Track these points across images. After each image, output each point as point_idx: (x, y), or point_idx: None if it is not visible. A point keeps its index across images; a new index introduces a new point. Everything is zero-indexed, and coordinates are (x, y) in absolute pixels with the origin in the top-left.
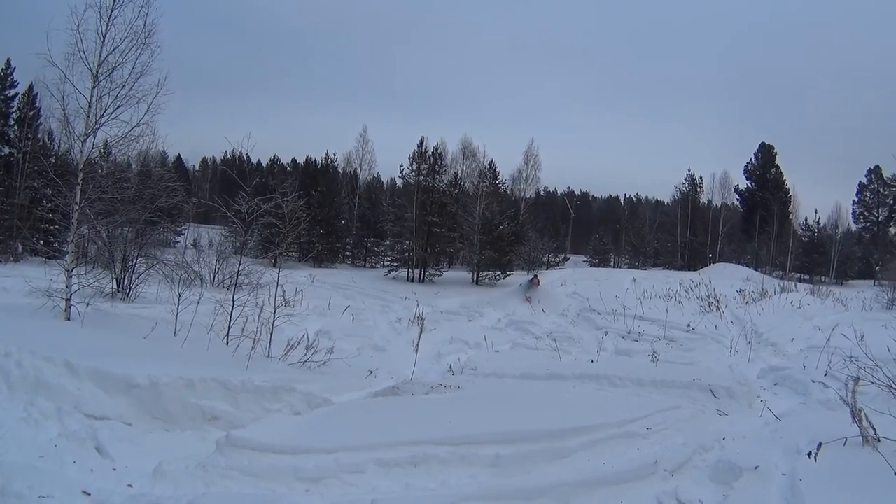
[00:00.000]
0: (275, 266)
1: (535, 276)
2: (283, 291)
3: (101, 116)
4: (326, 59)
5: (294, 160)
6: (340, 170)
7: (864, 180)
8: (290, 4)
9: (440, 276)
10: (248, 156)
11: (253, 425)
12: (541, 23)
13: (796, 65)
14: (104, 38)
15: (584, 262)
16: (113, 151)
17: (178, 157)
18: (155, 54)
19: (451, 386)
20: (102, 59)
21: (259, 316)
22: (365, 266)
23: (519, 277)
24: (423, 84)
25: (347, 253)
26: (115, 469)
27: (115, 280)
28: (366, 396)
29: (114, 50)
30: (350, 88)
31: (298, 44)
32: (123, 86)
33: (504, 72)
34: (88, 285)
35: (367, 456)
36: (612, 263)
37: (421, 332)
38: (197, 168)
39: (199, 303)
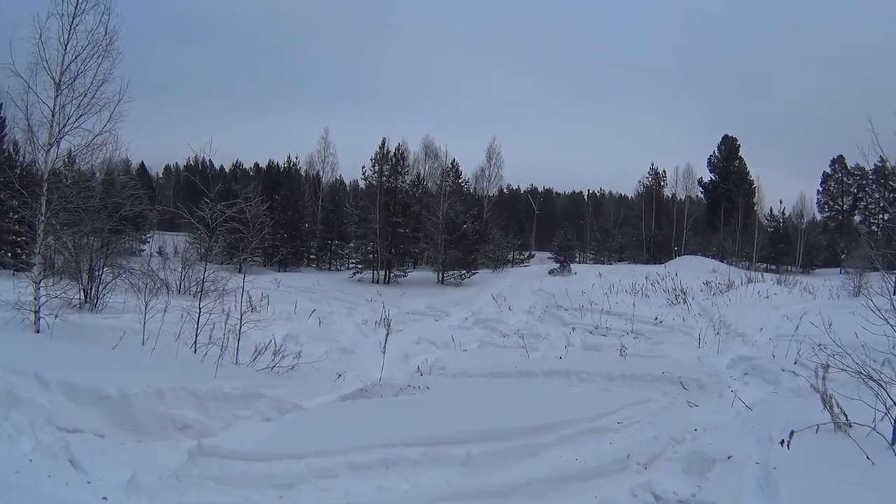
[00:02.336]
0: (240, 272)
1: (564, 258)
2: (249, 297)
3: (65, 126)
4: (288, 62)
5: (257, 164)
6: (303, 173)
7: (829, 170)
8: (248, 6)
9: (405, 276)
10: (210, 161)
11: (224, 433)
12: (501, 20)
13: (761, 57)
14: (66, 46)
15: (548, 258)
16: (77, 161)
17: (142, 165)
18: (116, 61)
19: (419, 387)
20: (65, 67)
21: (226, 322)
22: (330, 269)
23: (484, 276)
24: (385, 85)
25: (312, 256)
26: (89, 482)
27: (82, 291)
28: (335, 400)
29: (76, 58)
30: (312, 91)
31: (259, 46)
32: (86, 94)
33: (465, 71)
34: (56, 297)
35: (339, 460)
36: (577, 259)
37: (388, 333)
38: (160, 175)
39: (165, 311)
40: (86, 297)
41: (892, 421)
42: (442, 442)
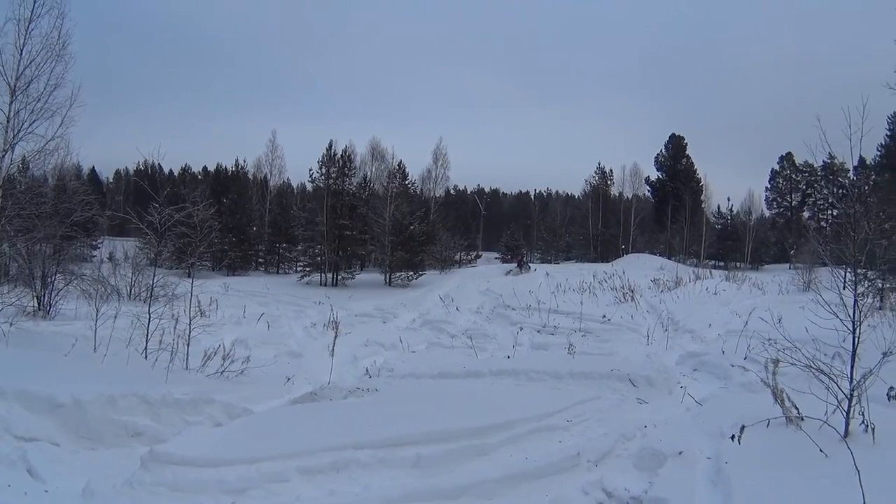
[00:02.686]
0: (189, 276)
1: (521, 257)
2: (198, 302)
3: (19, 131)
4: (236, 65)
5: (205, 168)
6: (251, 176)
7: (777, 167)
8: (195, 9)
9: (353, 278)
10: (160, 166)
11: (175, 439)
12: (448, 22)
13: (709, 57)
14: (21, 51)
15: (496, 258)
16: (30, 167)
17: (93, 170)
18: (69, 65)
19: (368, 389)
20: (20, 72)
21: (175, 328)
22: (278, 272)
23: (431, 277)
24: (333, 87)
25: (260, 260)
26: (47, 491)
27: (35, 298)
28: (285, 404)
29: (31, 63)
30: (260, 94)
31: (207, 49)
32: (39, 99)
33: (414, 72)
34: (11, 304)
35: (290, 464)
36: (524, 258)
37: (336, 336)
38: (111, 180)
39: (116, 317)
40: (39, 304)
41: (844, 414)
42: (392, 444)
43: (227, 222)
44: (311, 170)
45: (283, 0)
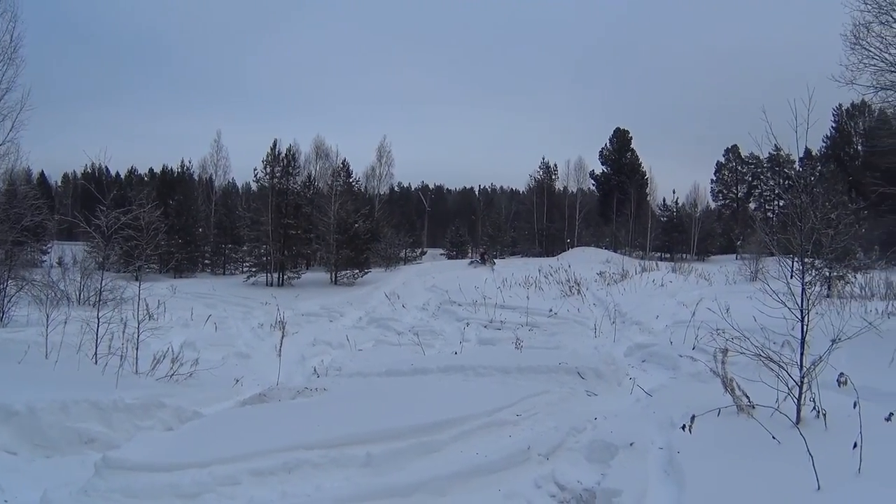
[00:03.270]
0: (137, 279)
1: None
2: (146, 305)
3: None
4: (182, 65)
5: (151, 170)
6: (196, 177)
7: (722, 160)
8: (135, 9)
9: (299, 278)
10: (106, 168)
11: (127, 445)
12: (393, 18)
13: (655, 51)
14: None
15: (441, 254)
16: None
17: (42, 174)
18: (20, 69)
19: (317, 388)
20: None
21: (124, 332)
22: (224, 273)
23: (377, 275)
24: (278, 86)
25: (207, 261)
26: (6, 501)
27: None
28: (234, 406)
29: None
30: (205, 93)
31: (149, 49)
32: None
33: (358, 70)
34: None
35: (241, 466)
36: (469, 255)
37: (283, 336)
38: (59, 184)
39: (66, 322)
40: None
41: (795, 401)
42: (342, 443)
43: (174, 224)
44: (255, 169)
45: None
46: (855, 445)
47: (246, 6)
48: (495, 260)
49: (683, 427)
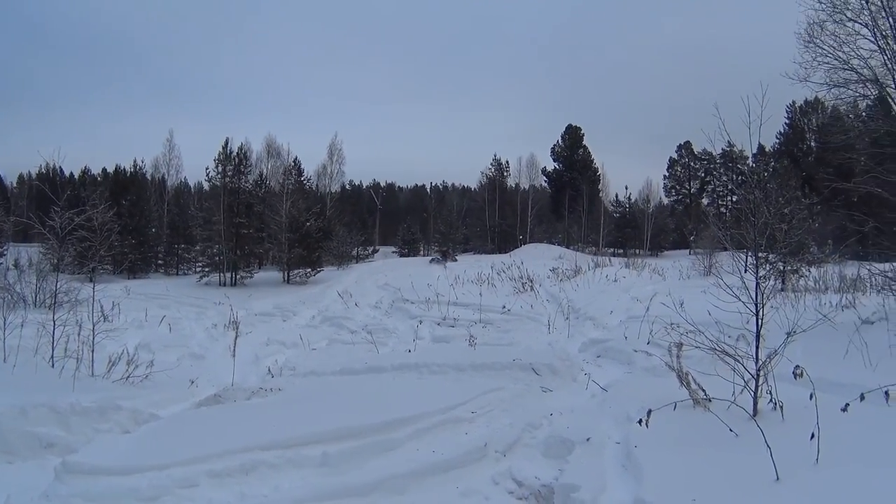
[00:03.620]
0: (91, 281)
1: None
2: (101, 306)
3: None
4: (131, 63)
5: (104, 170)
6: (149, 177)
7: (675, 156)
8: (87, 5)
9: (251, 277)
10: (61, 169)
11: (86, 448)
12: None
13: (608, 47)
14: None
15: (393, 252)
16: None
17: None
18: None
19: (272, 389)
20: None
21: (79, 334)
22: (178, 273)
23: (329, 273)
24: (230, 83)
25: (160, 262)
26: None
27: None
28: (190, 407)
29: None
30: (157, 92)
31: (101, 48)
32: None
33: (309, 67)
34: None
35: (199, 468)
36: (421, 252)
37: (237, 336)
38: (14, 185)
39: (23, 325)
40: None
41: (752, 393)
42: (298, 443)
43: (127, 224)
44: (207, 168)
45: None
46: (812, 436)
47: (198, 5)
48: (456, 257)
49: (640, 421)
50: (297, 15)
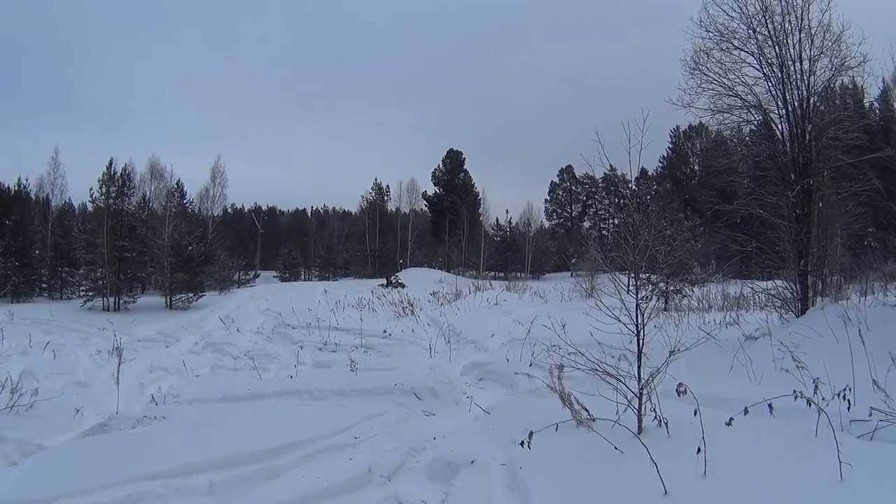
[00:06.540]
0: None
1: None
2: None
3: None
4: (21, 76)
5: None
6: (33, 196)
7: (556, 180)
8: None
9: (134, 302)
10: None
11: None
12: (232, 35)
13: (488, 75)
14: None
15: (274, 276)
16: None
17: None
18: None
19: (156, 417)
20: None
21: None
22: (62, 297)
23: (211, 298)
24: (116, 102)
25: (44, 285)
26: None
27: None
28: (76, 437)
29: None
30: (43, 108)
31: None
32: None
33: (192, 87)
34: None
35: (87, 500)
36: (302, 276)
37: (120, 363)
38: None
39: None
40: None
41: (636, 411)
42: (184, 472)
43: (10, 246)
44: (91, 189)
45: (62, 8)
46: (699, 450)
47: (87, 20)
48: (402, 283)
49: (522, 444)
50: (178, 24)
